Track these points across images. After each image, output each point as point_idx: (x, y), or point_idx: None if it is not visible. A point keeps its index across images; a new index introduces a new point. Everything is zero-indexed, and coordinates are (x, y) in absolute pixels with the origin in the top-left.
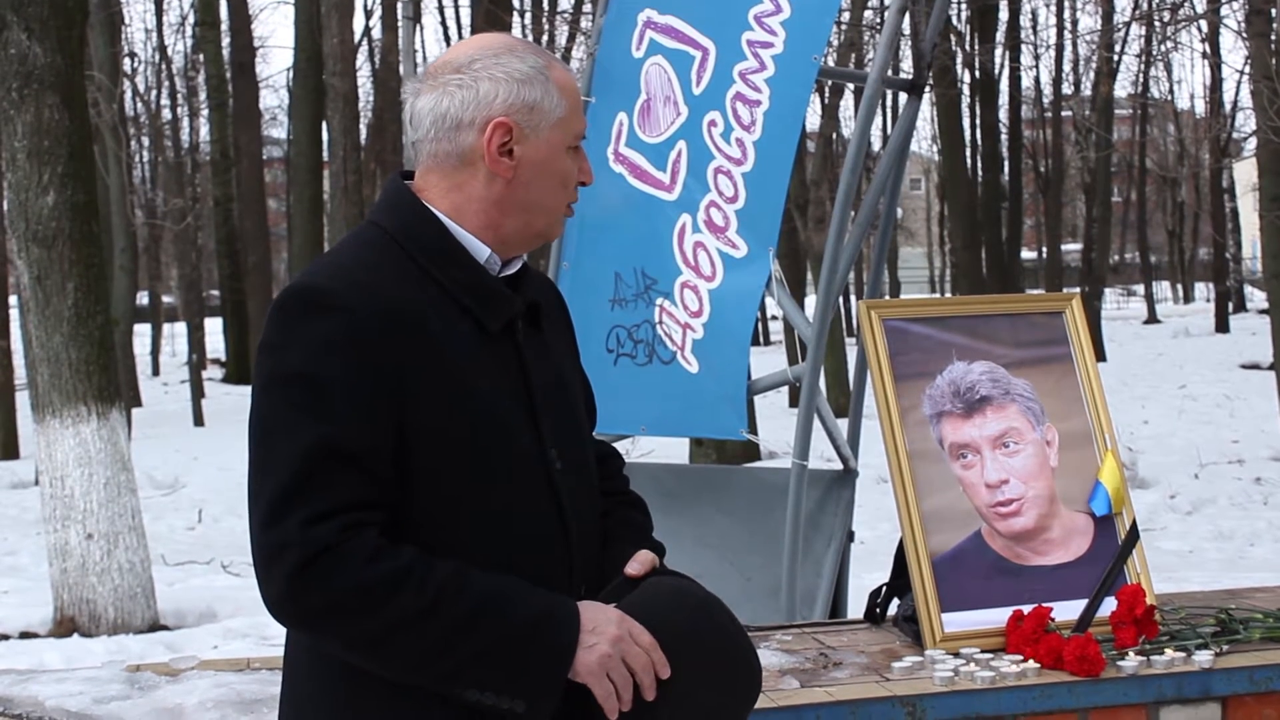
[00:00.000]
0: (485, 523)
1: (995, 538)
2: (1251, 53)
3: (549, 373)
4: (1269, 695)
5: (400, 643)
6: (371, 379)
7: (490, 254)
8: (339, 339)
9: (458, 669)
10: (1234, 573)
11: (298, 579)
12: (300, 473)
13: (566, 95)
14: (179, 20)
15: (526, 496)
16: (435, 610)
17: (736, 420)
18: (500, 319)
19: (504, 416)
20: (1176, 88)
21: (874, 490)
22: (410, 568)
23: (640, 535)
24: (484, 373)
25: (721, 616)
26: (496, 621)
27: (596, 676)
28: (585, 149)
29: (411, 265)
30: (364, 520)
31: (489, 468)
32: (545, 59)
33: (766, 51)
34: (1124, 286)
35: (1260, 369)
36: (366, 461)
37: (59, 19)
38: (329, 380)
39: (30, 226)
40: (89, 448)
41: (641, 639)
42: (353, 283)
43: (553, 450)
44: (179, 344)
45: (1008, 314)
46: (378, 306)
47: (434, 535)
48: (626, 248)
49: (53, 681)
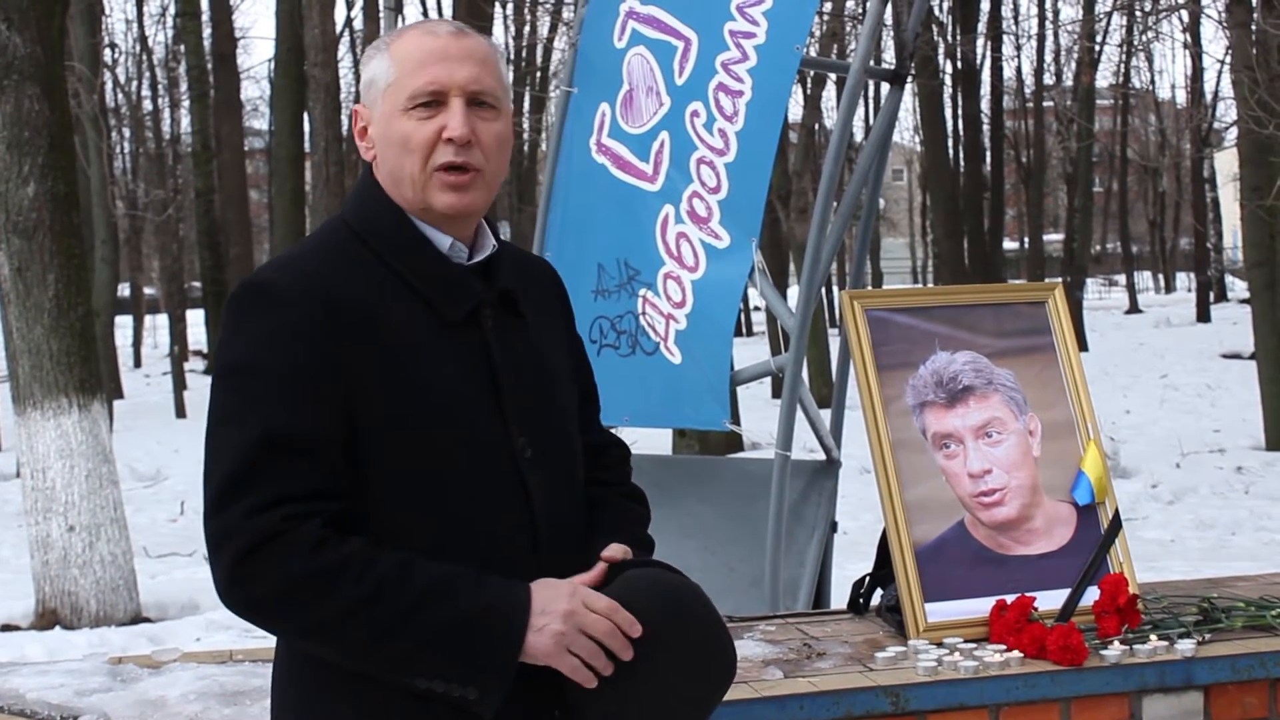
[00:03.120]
0: (443, 511)
1: (978, 527)
2: (1232, 42)
3: (523, 361)
4: (1251, 684)
5: (343, 631)
6: (315, 370)
7: (453, 242)
8: (282, 331)
9: (404, 657)
10: (1215, 561)
11: (240, 567)
12: (246, 463)
13: (399, 59)
14: (159, 11)
15: (487, 485)
16: (377, 600)
17: (720, 411)
18: (460, 308)
19: (460, 405)
20: (1158, 78)
21: (857, 480)
22: (351, 558)
23: (631, 526)
24: (441, 362)
25: (697, 604)
26: (440, 611)
27: (556, 656)
28: (569, 138)
29: (371, 257)
30: (308, 510)
31: (443, 457)
32: (398, 33)
33: (749, 42)
34: (1105, 276)
35: (1241, 358)
36: (312, 452)
37: (39, 9)
38: (273, 372)
39: (10, 218)
40: (70, 440)
41: (597, 604)
42: (301, 275)
43: (521, 439)
44: (160, 336)
45: (990, 304)
46: (323, 299)
47: (391, 524)
48: (609, 238)
49: (35, 674)
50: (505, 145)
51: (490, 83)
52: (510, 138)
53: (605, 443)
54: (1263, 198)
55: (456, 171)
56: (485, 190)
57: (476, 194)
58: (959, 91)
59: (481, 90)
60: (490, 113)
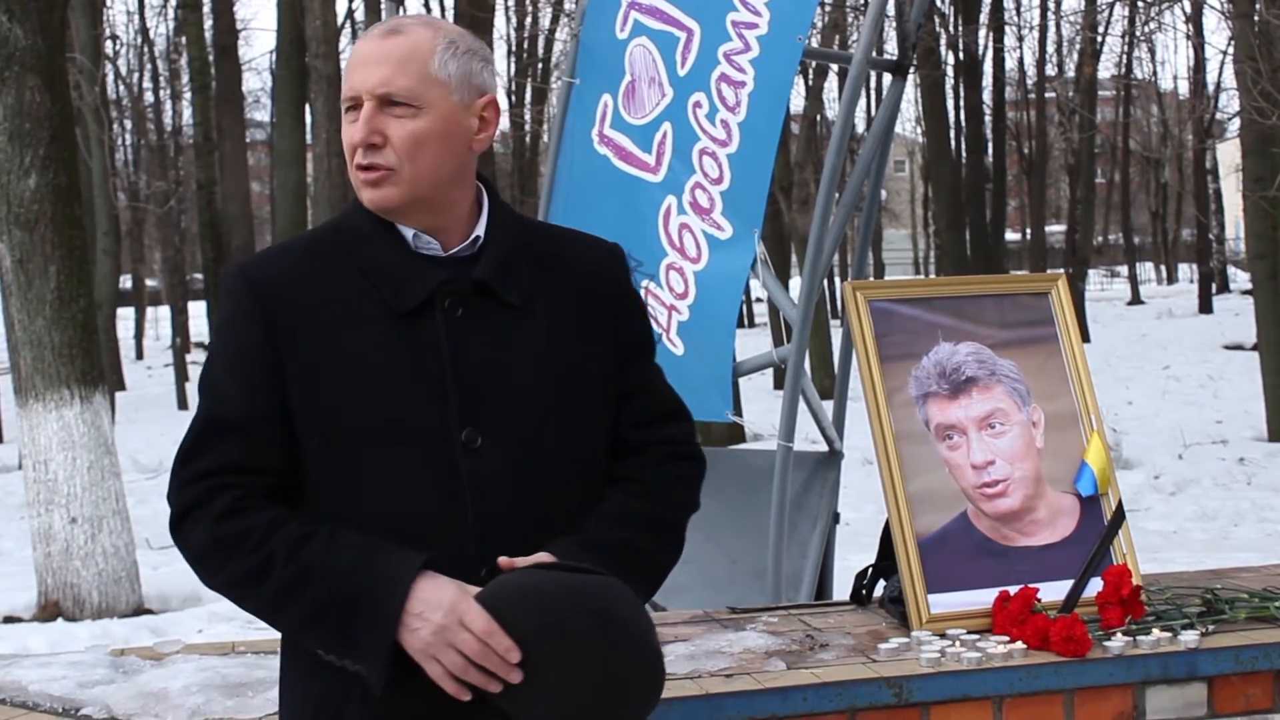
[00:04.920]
0: (368, 494)
1: (981, 519)
2: (1235, 33)
3: (494, 353)
4: (1255, 675)
5: (245, 597)
6: (254, 356)
7: (416, 233)
8: (231, 320)
9: (298, 627)
10: (1218, 553)
11: (174, 531)
12: (192, 438)
13: (347, 63)
14: (161, 2)
15: (414, 474)
16: (266, 571)
17: (722, 402)
18: (411, 299)
19: (391, 392)
20: (1160, 69)
21: (859, 472)
22: (251, 529)
23: (606, 526)
24: (386, 350)
25: (606, 609)
26: (318, 590)
27: (423, 659)
28: (571, 129)
29: (337, 250)
30: (229, 483)
31: (372, 443)
32: (365, 32)
33: (751, 32)
34: (1108, 268)
35: (1243, 349)
36: (242, 429)
37: (40, 1)
38: (221, 357)
39: (12, 209)
40: (72, 432)
41: (474, 624)
42: (257, 267)
43: (467, 430)
44: (162, 327)
45: (993, 295)
46: (269, 290)
47: (325, 503)
48: (611, 229)
49: (37, 666)
50: (425, 141)
51: (404, 83)
52: (445, 131)
53: (646, 442)
54: (1265, 189)
55: (367, 170)
56: (402, 186)
57: (390, 190)
58: (961, 82)
59: (391, 92)
60: (405, 110)
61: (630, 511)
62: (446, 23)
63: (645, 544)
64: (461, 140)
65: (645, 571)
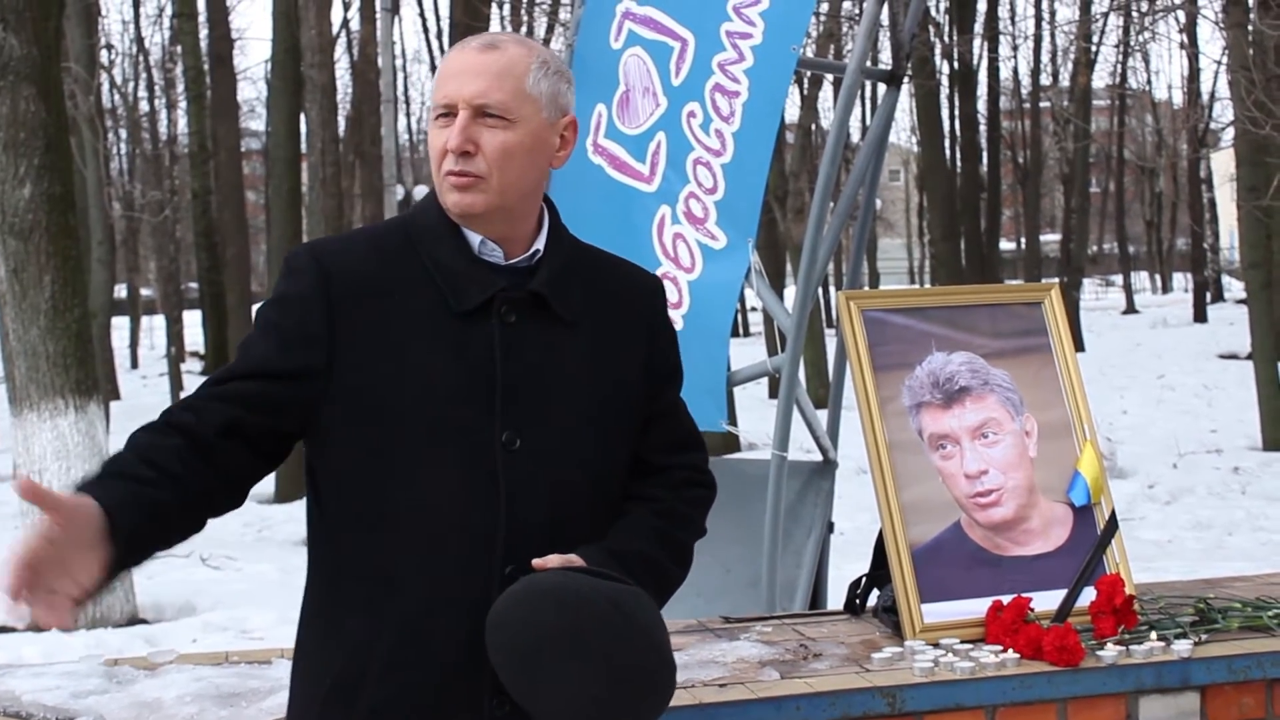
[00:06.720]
0: (401, 481)
1: (975, 528)
2: (1229, 43)
3: (542, 360)
4: (1247, 684)
5: None
6: (303, 336)
7: (482, 240)
8: (294, 296)
9: None
10: (1212, 562)
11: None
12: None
13: (438, 74)
14: (156, 11)
15: (455, 465)
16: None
17: (716, 412)
18: (470, 300)
19: (443, 387)
20: (1154, 78)
21: (853, 481)
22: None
23: (626, 537)
24: (438, 347)
25: (632, 615)
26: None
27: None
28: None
29: (408, 246)
30: (194, 405)
31: (414, 430)
32: (460, 44)
33: (745, 42)
34: (1102, 277)
35: (1238, 359)
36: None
37: (35, 10)
38: (269, 325)
39: (7, 219)
40: (67, 441)
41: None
42: (329, 250)
43: (509, 431)
44: (157, 337)
45: (987, 304)
46: (333, 272)
47: (358, 488)
48: (605, 239)
49: (30, 676)
50: (514, 153)
51: (500, 96)
52: (532, 145)
53: (668, 465)
54: (1259, 198)
55: (458, 175)
56: (490, 194)
57: (477, 196)
58: (956, 92)
59: (488, 103)
60: (498, 122)
61: (651, 526)
62: (538, 43)
63: (662, 559)
64: (545, 155)
65: (660, 585)
